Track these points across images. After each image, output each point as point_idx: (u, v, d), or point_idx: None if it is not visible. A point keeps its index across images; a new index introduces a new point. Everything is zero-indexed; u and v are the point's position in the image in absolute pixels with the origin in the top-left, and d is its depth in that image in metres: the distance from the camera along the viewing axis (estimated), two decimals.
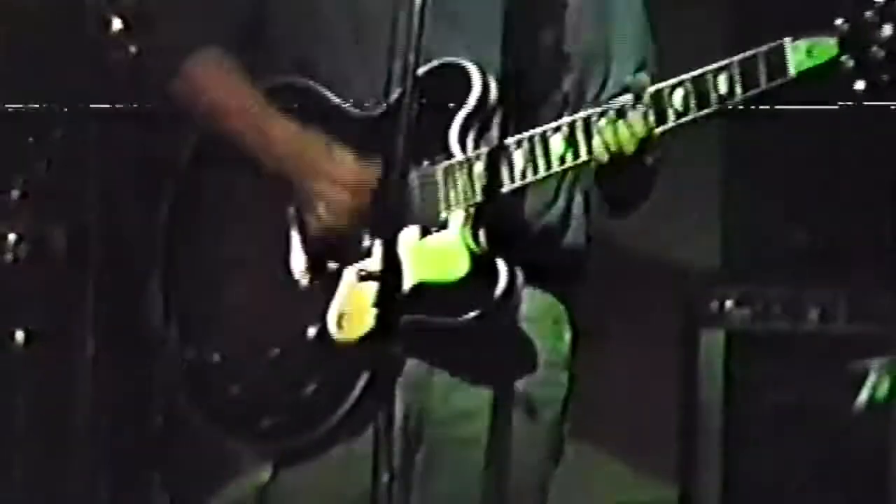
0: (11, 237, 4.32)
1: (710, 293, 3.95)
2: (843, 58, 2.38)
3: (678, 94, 2.40)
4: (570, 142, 2.44)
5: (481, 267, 2.46)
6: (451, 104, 2.51)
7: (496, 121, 2.54)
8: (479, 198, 2.47)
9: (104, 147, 4.26)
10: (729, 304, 4.03)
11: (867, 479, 4.01)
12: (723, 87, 2.36)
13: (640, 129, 2.39)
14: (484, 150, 2.48)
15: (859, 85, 2.39)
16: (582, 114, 2.45)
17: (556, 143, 2.46)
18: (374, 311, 2.21)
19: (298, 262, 2.54)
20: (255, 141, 2.58)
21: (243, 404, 2.59)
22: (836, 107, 2.92)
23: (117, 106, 4.26)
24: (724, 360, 3.84)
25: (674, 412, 4.08)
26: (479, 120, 2.53)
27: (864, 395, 3.71)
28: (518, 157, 2.46)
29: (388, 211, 2.32)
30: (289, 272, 2.57)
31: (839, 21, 2.39)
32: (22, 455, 4.37)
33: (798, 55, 2.40)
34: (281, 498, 2.62)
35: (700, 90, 2.36)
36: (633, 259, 4.04)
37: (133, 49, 4.27)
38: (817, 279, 4.13)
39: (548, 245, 2.59)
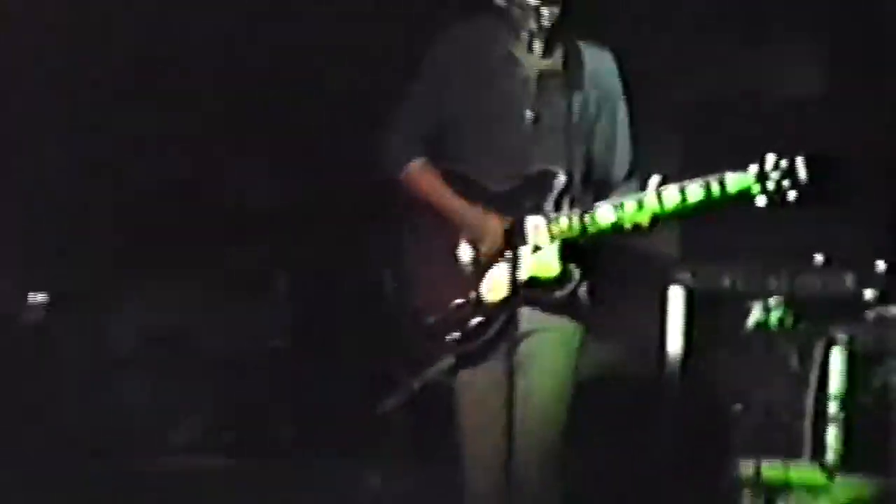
0: None
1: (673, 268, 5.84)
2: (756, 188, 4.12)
3: (672, 191, 4.19)
4: (616, 211, 4.25)
5: (564, 271, 4.39)
6: (547, 188, 4.37)
7: (567, 198, 4.39)
8: (563, 236, 4.31)
9: None
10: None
11: None
12: (697, 193, 4.13)
13: (650, 211, 4.19)
14: (565, 212, 4.33)
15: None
16: (617, 199, 4.27)
17: (605, 212, 4.31)
18: (508, 287, 4.25)
19: (466, 258, 4.39)
20: (444, 209, 4.47)
21: (436, 329, 4.41)
22: None
23: None
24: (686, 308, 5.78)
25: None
26: (561, 197, 4.38)
27: (753, 319, 5.51)
28: (585, 218, 4.27)
29: (516, 240, 4.27)
30: (461, 265, 4.43)
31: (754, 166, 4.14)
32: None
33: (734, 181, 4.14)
34: (458, 380, 4.45)
35: (682, 192, 4.14)
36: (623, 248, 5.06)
37: None
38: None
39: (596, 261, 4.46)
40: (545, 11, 4.45)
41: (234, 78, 6.80)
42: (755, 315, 5.50)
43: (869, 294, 5.50)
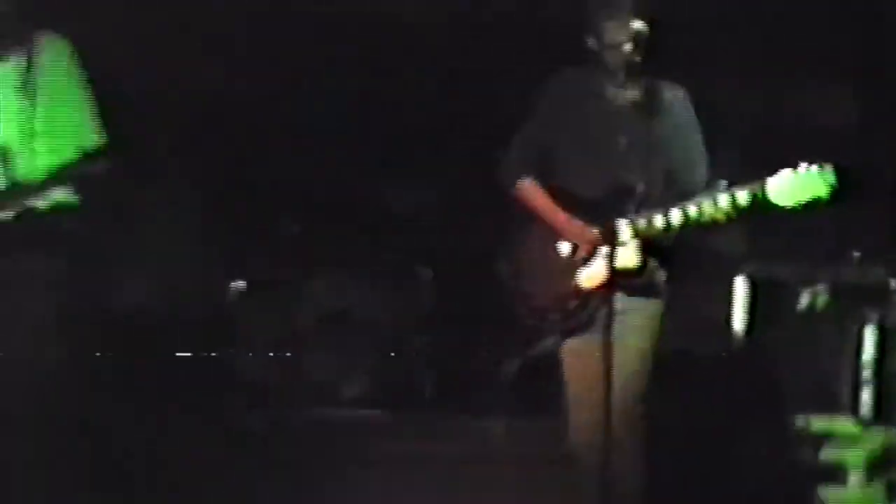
0: None
1: None
2: None
3: (742, 194, 4.64)
4: (685, 214, 4.73)
5: (644, 263, 4.94)
6: (631, 197, 4.87)
7: (646, 205, 4.86)
8: (643, 235, 4.86)
9: None
10: None
11: None
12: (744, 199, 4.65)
13: (726, 210, 4.71)
14: (645, 216, 4.84)
15: None
16: (689, 203, 4.75)
17: (677, 214, 4.77)
18: (601, 277, 4.86)
19: (566, 254, 4.98)
20: (548, 216, 5.05)
21: (543, 310, 5.02)
22: None
23: None
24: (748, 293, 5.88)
25: None
26: (641, 204, 4.90)
27: (803, 303, 5.71)
28: (660, 220, 4.80)
29: (607, 239, 4.80)
30: (561, 259, 5.02)
31: None
32: None
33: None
34: (564, 350, 4.99)
35: (753, 194, 4.60)
36: (698, 245, 5.36)
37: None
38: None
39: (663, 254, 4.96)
40: (630, 55, 4.93)
41: (391, 108, 7.00)
42: (804, 300, 5.76)
43: (895, 283, 5.69)
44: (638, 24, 4.86)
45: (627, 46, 4.87)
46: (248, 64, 6.87)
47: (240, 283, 7.04)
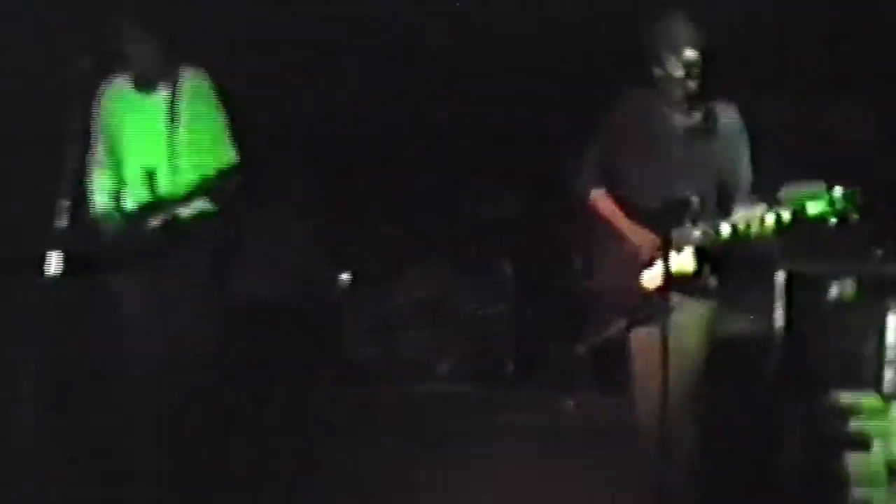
0: None
1: None
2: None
3: (786, 213, 4.85)
4: (734, 229, 4.94)
5: (699, 267, 5.15)
6: (687, 209, 5.05)
7: (701, 216, 5.05)
8: (698, 244, 5.07)
9: None
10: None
11: None
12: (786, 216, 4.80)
13: (771, 225, 4.90)
14: (700, 226, 5.04)
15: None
16: (738, 217, 4.95)
17: (725, 228, 4.99)
18: (661, 278, 4.99)
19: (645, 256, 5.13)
20: (616, 224, 5.27)
21: (608, 303, 5.26)
22: None
23: None
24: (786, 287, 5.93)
25: None
26: (697, 216, 5.09)
27: (833, 294, 5.91)
28: (713, 231, 5.00)
29: (666, 245, 4.96)
30: (627, 260, 5.18)
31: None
32: None
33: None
34: (631, 337, 5.18)
35: (794, 211, 4.78)
36: (742, 248, 5.41)
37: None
38: None
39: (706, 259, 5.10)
40: (689, 83, 5.17)
41: (480, 125, 7.30)
42: (834, 291, 5.98)
43: None
44: (694, 56, 5.07)
45: (687, 79, 5.09)
46: (355, 85, 7.33)
47: (345, 275, 7.54)
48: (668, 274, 4.96)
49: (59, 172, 5.31)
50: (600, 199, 5.39)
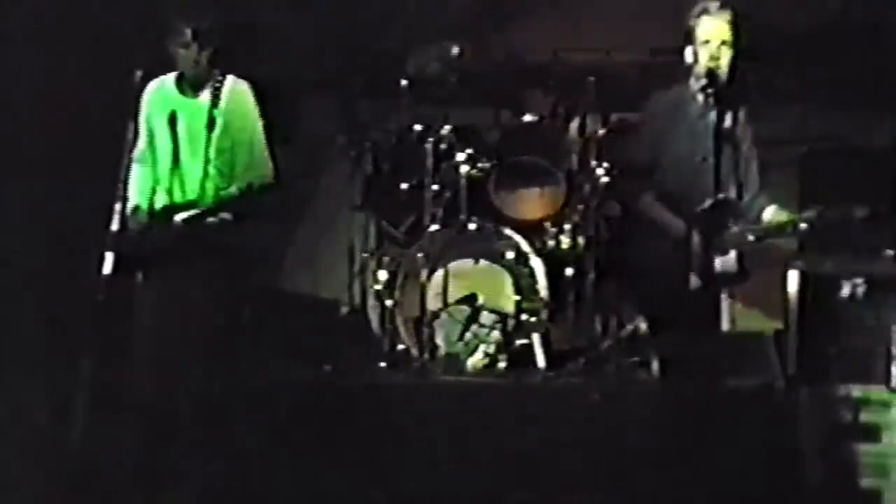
0: None
1: None
2: None
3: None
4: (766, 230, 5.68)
5: (742, 267, 5.99)
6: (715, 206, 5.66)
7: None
8: (740, 243, 5.81)
9: None
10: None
11: None
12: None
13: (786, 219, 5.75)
14: (740, 226, 5.73)
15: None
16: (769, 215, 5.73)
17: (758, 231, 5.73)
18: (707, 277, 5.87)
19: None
20: (661, 221, 5.97)
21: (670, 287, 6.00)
22: None
23: None
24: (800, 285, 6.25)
25: None
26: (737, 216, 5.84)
27: (845, 293, 6.16)
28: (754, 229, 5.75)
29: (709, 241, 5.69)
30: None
31: None
32: None
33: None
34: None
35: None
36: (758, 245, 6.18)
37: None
38: None
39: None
40: (710, 91, 5.84)
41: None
42: (846, 290, 6.22)
43: None
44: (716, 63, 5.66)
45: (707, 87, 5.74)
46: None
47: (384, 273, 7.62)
48: (712, 274, 5.64)
49: (115, 177, 5.71)
50: (647, 198, 6.05)
